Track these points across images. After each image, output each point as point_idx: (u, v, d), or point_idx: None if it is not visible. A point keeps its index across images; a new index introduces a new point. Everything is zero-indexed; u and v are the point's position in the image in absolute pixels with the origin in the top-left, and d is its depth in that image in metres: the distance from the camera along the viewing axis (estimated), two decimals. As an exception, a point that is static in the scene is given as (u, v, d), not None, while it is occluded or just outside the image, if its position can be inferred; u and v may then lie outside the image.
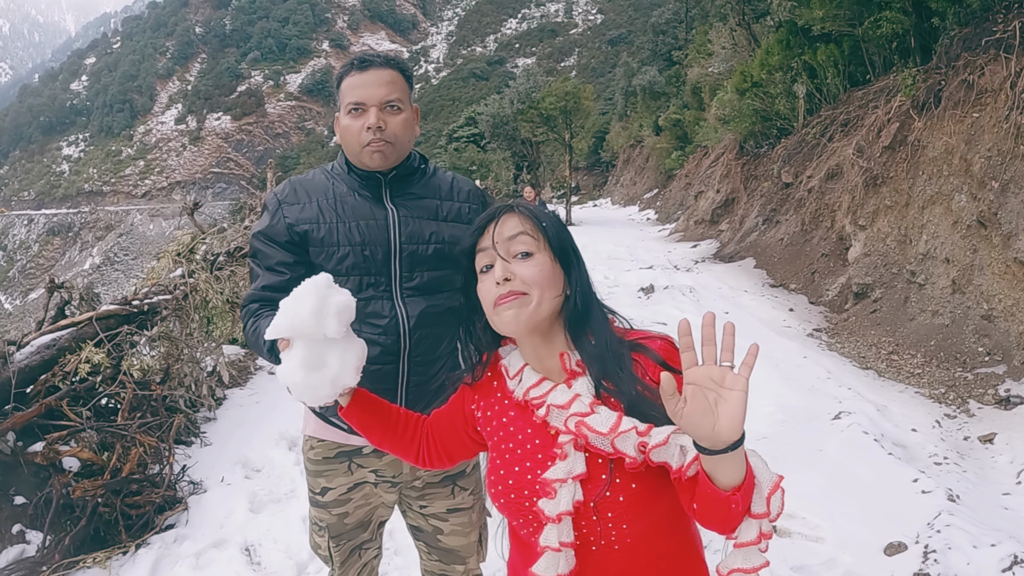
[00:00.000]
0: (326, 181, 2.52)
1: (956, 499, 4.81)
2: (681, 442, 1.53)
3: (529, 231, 1.71)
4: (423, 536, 2.79)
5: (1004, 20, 8.92)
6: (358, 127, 2.37)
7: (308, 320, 1.76)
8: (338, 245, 2.41)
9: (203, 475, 5.24)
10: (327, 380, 1.82)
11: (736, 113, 18.01)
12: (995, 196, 7.94)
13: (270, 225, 2.44)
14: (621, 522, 1.63)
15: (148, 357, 5.64)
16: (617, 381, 1.64)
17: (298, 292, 1.80)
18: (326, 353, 1.82)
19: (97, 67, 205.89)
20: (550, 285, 1.68)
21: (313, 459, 2.60)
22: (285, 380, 1.82)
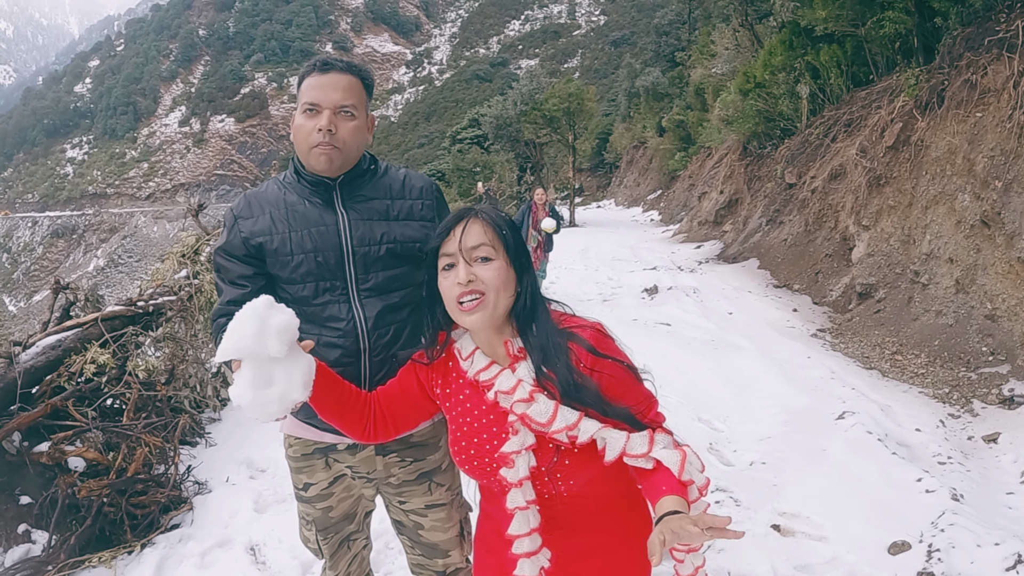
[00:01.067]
0: (278, 192, 2.54)
1: (960, 498, 4.81)
2: (604, 435, 1.89)
3: (490, 240, 1.94)
4: (405, 531, 2.85)
5: (1007, 20, 8.91)
6: (310, 127, 2.39)
7: (251, 341, 1.82)
8: (292, 254, 2.44)
9: (208, 475, 5.25)
10: (275, 397, 1.88)
11: (739, 114, 17.99)
12: (998, 196, 7.93)
13: (228, 240, 2.48)
14: (568, 479, 1.97)
15: (153, 358, 5.65)
16: (555, 369, 1.91)
17: (239, 315, 1.85)
18: (272, 371, 1.87)
19: (101, 70, 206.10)
20: (505, 287, 1.94)
21: (293, 456, 2.67)
22: (236, 399, 1.88)
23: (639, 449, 1.87)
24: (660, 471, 1.85)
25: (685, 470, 1.84)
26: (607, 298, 12.24)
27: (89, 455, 4.57)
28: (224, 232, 2.52)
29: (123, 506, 4.52)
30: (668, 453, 1.86)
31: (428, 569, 2.88)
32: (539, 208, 11.30)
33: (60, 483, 4.34)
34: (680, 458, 1.85)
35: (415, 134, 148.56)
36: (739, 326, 9.84)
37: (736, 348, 8.74)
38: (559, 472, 1.96)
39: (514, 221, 6.15)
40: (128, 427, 4.84)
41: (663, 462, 1.85)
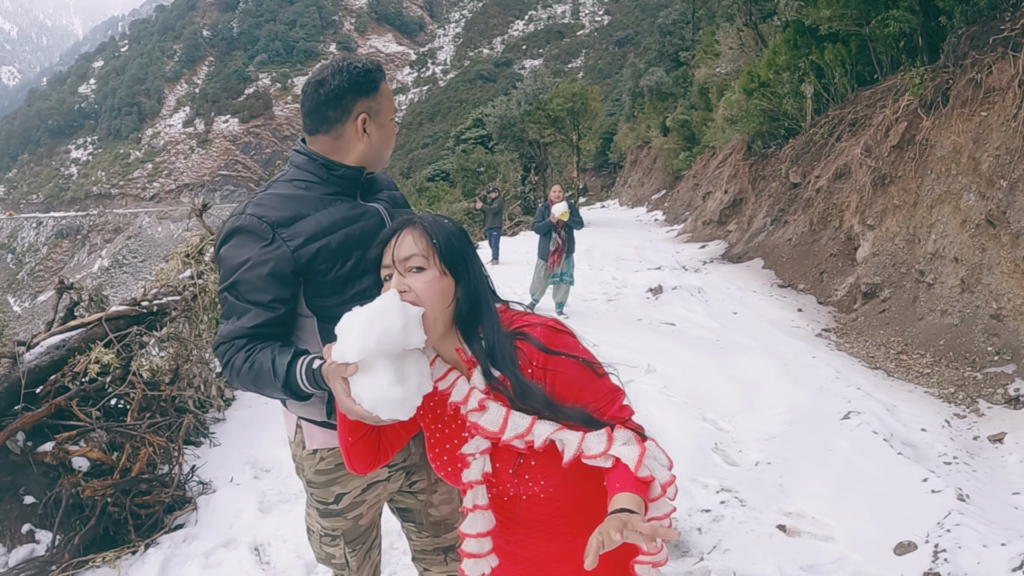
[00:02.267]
0: (307, 192, 2.43)
1: (966, 498, 4.80)
2: (560, 437, 1.85)
3: (421, 250, 1.88)
4: (413, 516, 2.87)
5: (1012, 18, 8.90)
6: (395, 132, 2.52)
7: (399, 335, 1.79)
8: (350, 249, 2.38)
9: (212, 475, 5.25)
10: (416, 390, 1.85)
11: (743, 113, 17.96)
12: (1004, 195, 7.91)
13: (268, 255, 2.28)
14: (539, 479, 1.92)
15: (157, 358, 5.65)
16: (505, 373, 1.86)
17: (379, 310, 1.79)
18: (407, 365, 1.84)
19: (105, 70, 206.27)
20: (439, 297, 1.88)
21: (324, 469, 2.58)
22: (376, 401, 1.79)
23: (596, 448, 1.83)
24: (618, 468, 1.82)
25: (643, 466, 1.80)
26: (612, 298, 12.22)
27: (93, 455, 4.57)
28: (255, 245, 2.28)
29: (127, 506, 4.52)
30: (627, 449, 1.82)
31: (437, 548, 2.90)
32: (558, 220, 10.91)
33: (64, 483, 4.34)
34: (638, 453, 1.81)
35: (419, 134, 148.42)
36: (744, 326, 9.83)
37: (741, 348, 8.72)
38: (526, 473, 1.92)
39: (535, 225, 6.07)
40: (132, 427, 4.84)
41: (621, 459, 1.82)
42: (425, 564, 2.97)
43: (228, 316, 2.30)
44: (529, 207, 32.53)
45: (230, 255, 2.28)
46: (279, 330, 2.15)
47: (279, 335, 2.29)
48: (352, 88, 2.39)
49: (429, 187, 36.69)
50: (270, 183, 2.48)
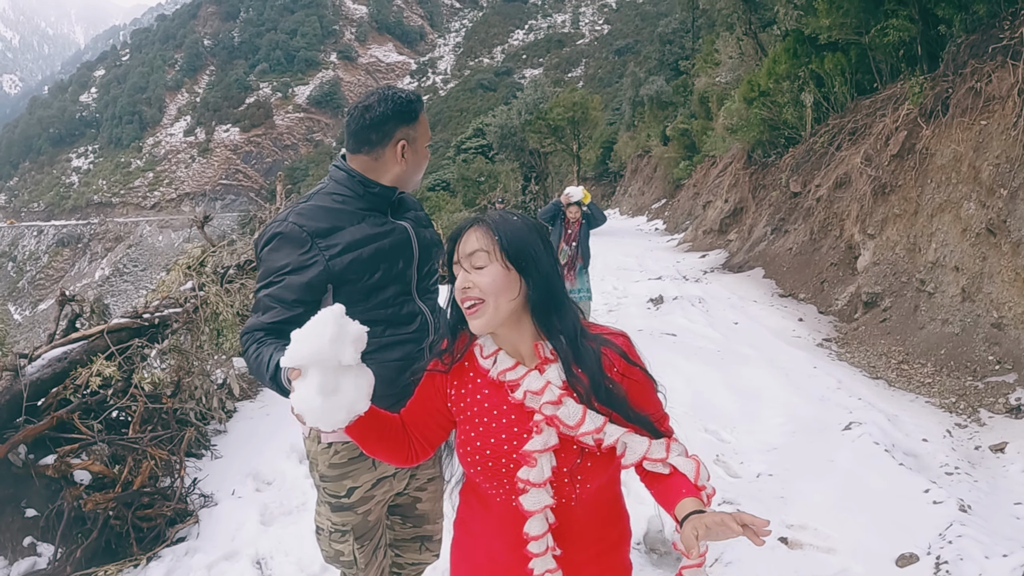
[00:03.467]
0: (343, 206, 2.64)
1: (968, 509, 4.79)
2: (626, 440, 1.93)
3: (484, 246, 1.95)
4: (400, 509, 3.09)
5: (1011, 27, 8.93)
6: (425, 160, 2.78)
7: (327, 347, 1.85)
8: (379, 261, 2.61)
9: (214, 488, 5.24)
10: (343, 405, 1.90)
11: (744, 122, 17.97)
12: (1004, 203, 7.93)
13: (303, 264, 2.51)
14: (586, 482, 1.99)
15: (159, 370, 5.65)
16: (587, 371, 1.94)
17: (317, 321, 1.88)
18: (341, 380, 1.89)
19: (106, 79, 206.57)
20: (502, 290, 1.93)
21: (338, 463, 2.73)
22: (301, 406, 1.88)
23: (658, 454, 1.92)
24: (677, 476, 1.90)
25: (700, 475, 1.89)
26: (612, 308, 12.22)
27: (95, 468, 4.57)
28: (293, 251, 2.52)
29: (129, 519, 4.52)
30: (683, 460, 1.92)
31: (416, 537, 3.15)
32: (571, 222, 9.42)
33: (66, 496, 4.34)
34: (695, 465, 1.91)
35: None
36: (745, 336, 9.82)
37: (742, 358, 8.72)
38: (580, 474, 1.98)
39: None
40: (134, 440, 4.83)
41: (679, 468, 1.91)
42: (400, 550, 3.18)
43: (256, 311, 2.54)
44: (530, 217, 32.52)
45: (270, 258, 2.54)
46: (295, 328, 2.11)
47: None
48: (395, 116, 2.61)
49: (430, 196, 36.65)
50: (311, 195, 2.69)
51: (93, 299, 6.09)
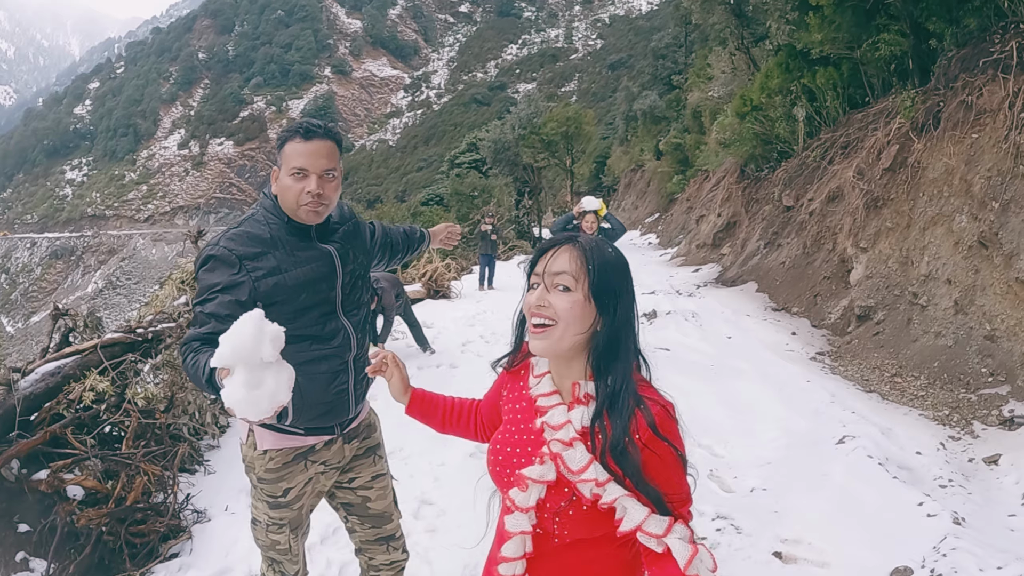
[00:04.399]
0: (270, 232, 2.81)
1: (962, 522, 4.79)
2: (626, 504, 1.81)
3: (573, 271, 1.87)
4: (355, 510, 3.29)
5: (1001, 40, 8.98)
6: (298, 189, 2.73)
7: (248, 345, 2.06)
8: (300, 286, 2.79)
9: (207, 503, 5.22)
10: (266, 396, 2.09)
11: (736, 137, 18.04)
12: (996, 216, 7.96)
13: (233, 281, 2.68)
14: (564, 528, 1.89)
15: (152, 385, 5.63)
16: (614, 425, 1.82)
17: (238, 324, 2.09)
18: (263, 374, 2.09)
19: (101, 91, 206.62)
20: (576, 321, 1.86)
21: (273, 468, 2.93)
22: (228, 400, 2.07)
23: (655, 529, 1.80)
24: (667, 560, 1.80)
25: (692, 565, 1.77)
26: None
27: (88, 483, 4.55)
28: (224, 272, 2.69)
29: (122, 535, 4.50)
30: (680, 544, 1.79)
31: (379, 538, 3.33)
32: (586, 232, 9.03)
33: (59, 511, 4.33)
34: (691, 552, 1.78)
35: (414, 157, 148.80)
36: (738, 350, 9.82)
37: (736, 372, 8.72)
38: (559, 518, 1.90)
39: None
40: (127, 455, 4.81)
41: (673, 551, 1.79)
42: (369, 554, 3.37)
43: (193, 324, 2.69)
44: (523, 231, 32.55)
45: (205, 277, 2.71)
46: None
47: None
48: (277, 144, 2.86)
49: (424, 211, 36.66)
50: (242, 220, 2.86)
51: (86, 313, 6.08)
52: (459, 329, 11.76)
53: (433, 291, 15.86)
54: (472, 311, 13.67)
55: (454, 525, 4.96)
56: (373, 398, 3.33)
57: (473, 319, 12.76)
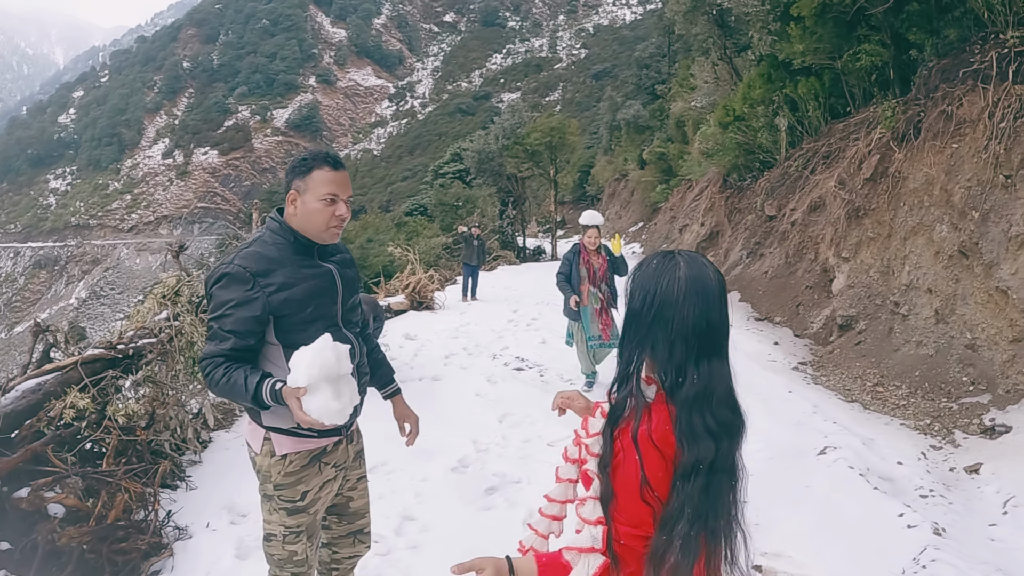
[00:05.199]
0: (277, 251, 3.04)
1: (942, 532, 4.81)
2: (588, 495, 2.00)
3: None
4: (336, 509, 3.48)
5: (981, 51, 9.05)
6: (329, 213, 3.02)
7: (332, 365, 2.64)
8: (308, 299, 3.05)
9: (189, 520, 5.17)
10: (348, 404, 2.70)
11: (719, 146, 18.10)
12: (976, 226, 8.01)
13: (249, 298, 2.92)
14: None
15: (133, 401, 5.60)
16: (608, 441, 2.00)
17: (319, 349, 2.65)
18: (341, 385, 2.69)
19: (85, 100, 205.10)
20: None
21: (292, 471, 3.10)
22: (319, 412, 2.61)
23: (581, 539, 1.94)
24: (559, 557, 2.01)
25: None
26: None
27: (69, 502, 4.53)
28: (239, 288, 2.92)
29: (104, 553, 4.47)
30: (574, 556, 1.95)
31: (350, 532, 3.54)
32: (590, 253, 8.60)
33: (41, 530, 4.30)
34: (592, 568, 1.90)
35: (399, 167, 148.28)
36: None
37: (718, 382, 8.69)
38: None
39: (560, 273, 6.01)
40: (108, 473, 4.79)
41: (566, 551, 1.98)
42: (336, 548, 3.56)
43: (213, 339, 2.95)
44: (507, 241, 32.53)
45: (220, 294, 2.94)
46: (249, 355, 2.95)
47: (249, 359, 2.96)
48: (291, 171, 3.09)
49: (408, 222, 36.60)
50: (252, 241, 3.10)
51: (68, 328, 6.05)
52: (442, 341, 11.71)
53: (416, 303, 15.80)
54: (456, 323, 13.60)
55: (436, 541, 4.95)
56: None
57: (457, 331, 12.70)
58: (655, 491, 1.84)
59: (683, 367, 1.94)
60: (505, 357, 10.60)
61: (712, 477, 1.83)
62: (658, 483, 1.85)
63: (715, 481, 1.84)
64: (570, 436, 2.11)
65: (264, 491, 3.18)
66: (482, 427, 7.39)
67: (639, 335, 1.98)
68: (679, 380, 1.93)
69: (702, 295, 1.97)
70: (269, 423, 3.06)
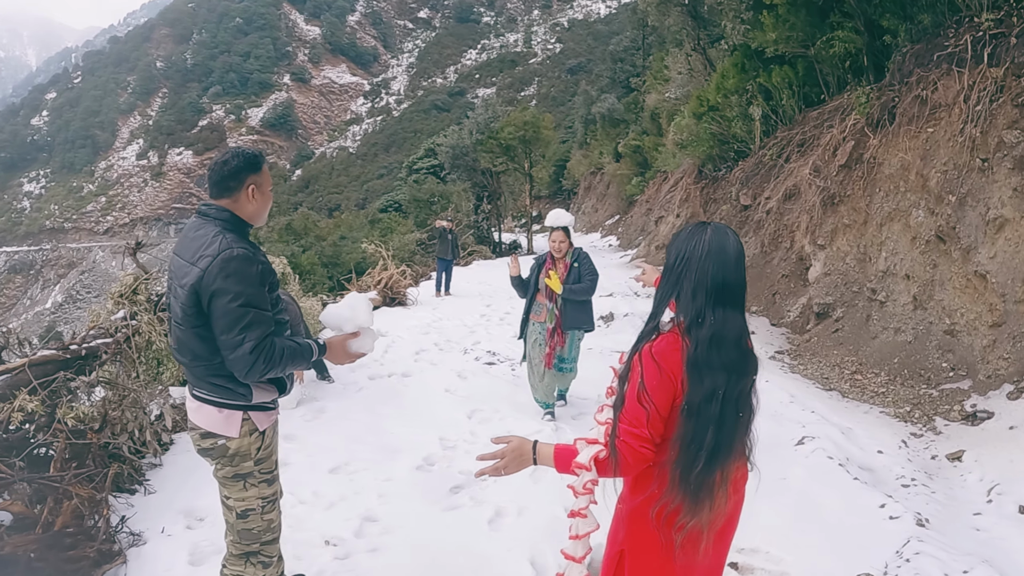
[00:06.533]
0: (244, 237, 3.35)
1: (925, 523, 4.69)
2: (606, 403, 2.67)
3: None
4: None
5: (955, 35, 8.97)
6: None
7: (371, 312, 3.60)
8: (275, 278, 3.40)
9: (144, 526, 4.93)
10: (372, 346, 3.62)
11: (694, 137, 18.06)
12: (953, 210, 7.92)
13: (260, 276, 3.19)
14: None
15: (86, 404, 5.35)
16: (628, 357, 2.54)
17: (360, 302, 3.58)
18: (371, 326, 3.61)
19: (58, 102, 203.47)
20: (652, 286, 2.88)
21: (266, 444, 3.41)
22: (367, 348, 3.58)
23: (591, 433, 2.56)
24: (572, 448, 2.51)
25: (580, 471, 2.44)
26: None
27: (15, 508, 4.32)
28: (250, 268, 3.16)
29: (52, 561, 4.27)
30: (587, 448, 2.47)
31: None
32: (556, 262, 7.23)
33: (-14, 539, 4.10)
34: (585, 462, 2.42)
35: (374, 165, 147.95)
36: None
37: (694, 374, 8.57)
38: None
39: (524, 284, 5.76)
40: (55, 478, 4.58)
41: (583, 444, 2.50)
42: None
43: (256, 324, 3.13)
44: (483, 236, 32.39)
45: (240, 278, 3.12)
46: (280, 330, 3.32)
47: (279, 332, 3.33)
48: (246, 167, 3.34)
49: (382, 218, 36.30)
50: (223, 231, 3.23)
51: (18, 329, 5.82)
52: (413, 337, 11.48)
53: (389, 299, 15.60)
54: (428, 319, 13.37)
55: (398, 543, 4.77)
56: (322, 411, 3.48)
57: (428, 327, 12.48)
58: (651, 397, 2.34)
59: (702, 312, 2.39)
60: (476, 352, 10.46)
61: (726, 405, 2.38)
62: (653, 390, 2.35)
63: (728, 408, 2.39)
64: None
65: (238, 472, 3.34)
66: (450, 424, 7.17)
67: (669, 284, 2.51)
68: (698, 321, 2.38)
69: (722, 256, 2.41)
70: (258, 400, 3.31)
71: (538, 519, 4.98)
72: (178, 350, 3.33)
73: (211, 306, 3.10)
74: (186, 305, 3.14)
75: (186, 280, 3.13)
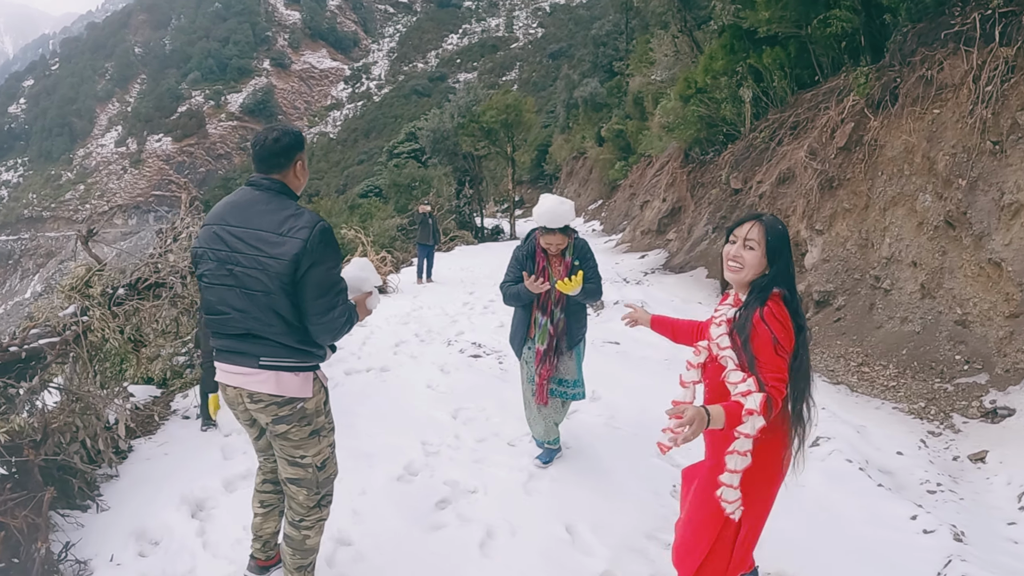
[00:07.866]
0: None
1: (962, 537, 4.27)
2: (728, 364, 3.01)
3: (757, 237, 3.04)
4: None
5: (962, 13, 8.64)
6: None
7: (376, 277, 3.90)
8: None
9: (93, 551, 4.30)
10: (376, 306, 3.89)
11: (681, 120, 17.71)
12: (963, 195, 7.55)
13: None
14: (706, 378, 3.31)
15: (22, 416, 4.73)
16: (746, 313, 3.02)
17: (368, 266, 3.89)
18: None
19: (35, 90, 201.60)
20: (755, 268, 3.06)
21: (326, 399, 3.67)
22: (375, 306, 3.89)
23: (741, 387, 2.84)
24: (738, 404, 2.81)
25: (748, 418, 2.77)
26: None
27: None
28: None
29: (-15, 596, 3.76)
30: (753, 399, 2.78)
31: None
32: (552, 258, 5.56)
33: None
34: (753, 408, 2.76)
35: (355, 151, 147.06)
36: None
37: (691, 367, 8.14)
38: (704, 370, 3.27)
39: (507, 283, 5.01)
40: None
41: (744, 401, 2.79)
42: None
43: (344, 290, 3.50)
44: (464, 221, 31.98)
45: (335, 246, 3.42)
46: None
47: None
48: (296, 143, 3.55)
49: (362, 204, 35.75)
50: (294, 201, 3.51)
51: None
52: (392, 328, 10.96)
53: (370, 285, 15.12)
54: (408, 307, 12.82)
55: (375, 571, 4.20)
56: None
57: (408, 316, 11.96)
58: (785, 347, 2.90)
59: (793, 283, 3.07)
60: (460, 343, 9.94)
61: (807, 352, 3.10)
62: (786, 343, 2.90)
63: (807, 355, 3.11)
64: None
65: (314, 429, 3.56)
66: (432, 425, 6.57)
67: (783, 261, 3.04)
68: (793, 290, 3.04)
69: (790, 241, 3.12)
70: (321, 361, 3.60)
71: (534, 541, 4.41)
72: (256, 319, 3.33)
73: (308, 273, 3.26)
74: (283, 275, 3.23)
75: (281, 250, 3.23)
